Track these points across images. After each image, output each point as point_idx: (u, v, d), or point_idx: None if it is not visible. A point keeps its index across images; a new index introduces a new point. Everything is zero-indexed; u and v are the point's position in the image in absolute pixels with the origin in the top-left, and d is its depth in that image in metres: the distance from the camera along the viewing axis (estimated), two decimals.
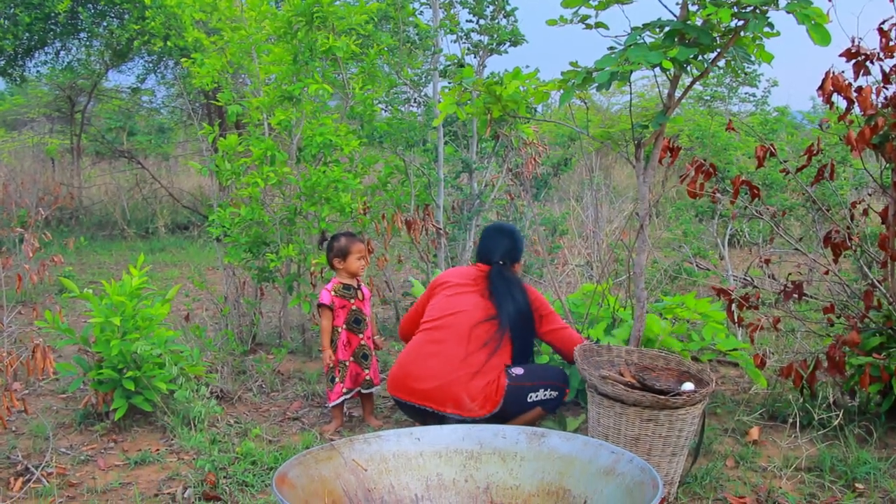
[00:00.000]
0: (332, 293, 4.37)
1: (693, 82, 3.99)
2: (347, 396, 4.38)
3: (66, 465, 3.91)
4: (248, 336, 5.90)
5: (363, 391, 4.43)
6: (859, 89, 3.93)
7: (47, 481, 3.71)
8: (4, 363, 3.71)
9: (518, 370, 4.09)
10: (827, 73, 3.95)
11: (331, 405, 4.37)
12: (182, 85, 11.15)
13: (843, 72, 3.98)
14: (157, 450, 4.12)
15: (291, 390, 5.02)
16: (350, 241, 4.46)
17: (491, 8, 6.38)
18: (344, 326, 4.38)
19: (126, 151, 13.89)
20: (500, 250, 4.25)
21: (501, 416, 4.01)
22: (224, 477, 3.65)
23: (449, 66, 6.39)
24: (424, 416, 4.05)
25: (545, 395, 4.07)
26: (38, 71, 12.92)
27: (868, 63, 3.96)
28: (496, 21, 6.39)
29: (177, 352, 4.46)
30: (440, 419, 3.96)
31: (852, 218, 4.50)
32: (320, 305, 4.38)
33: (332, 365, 4.35)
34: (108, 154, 14.67)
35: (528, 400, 4.04)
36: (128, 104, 15.03)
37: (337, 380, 4.34)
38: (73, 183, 13.67)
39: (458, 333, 4.06)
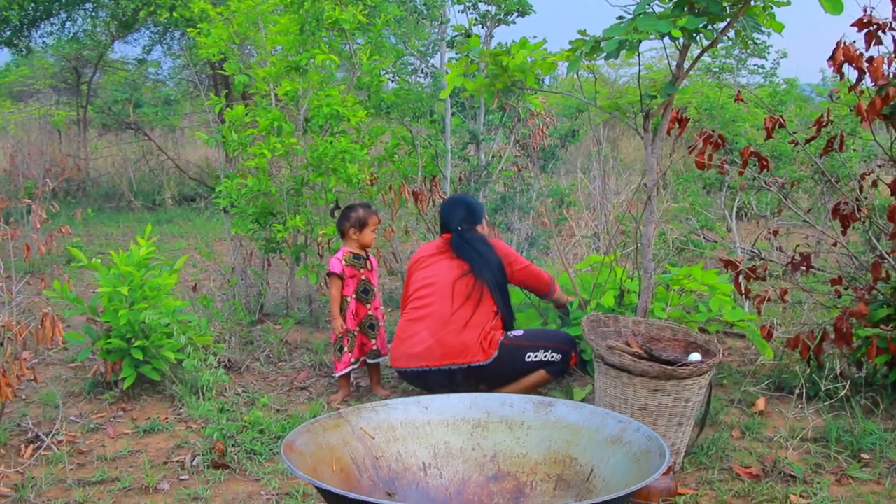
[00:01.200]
0: (343, 262, 4.38)
1: (702, 52, 3.96)
2: (354, 366, 4.40)
3: (75, 433, 3.94)
4: (256, 306, 5.91)
5: (369, 361, 4.45)
6: (871, 59, 3.89)
7: (57, 449, 3.74)
8: (14, 332, 3.72)
9: (517, 332, 4.16)
10: (838, 43, 3.91)
11: (338, 375, 4.39)
12: (188, 56, 11.10)
13: (854, 42, 3.94)
14: (166, 418, 4.15)
15: (299, 360, 5.04)
16: (367, 212, 4.48)
17: None
18: (353, 296, 4.39)
19: (132, 123, 13.85)
20: (456, 217, 4.34)
21: (500, 373, 4.04)
22: (232, 445, 3.68)
23: (456, 36, 6.34)
24: (427, 380, 4.10)
25: (546, 356, 4.08)
26: (43, 42, 12.87)
27: (880, 33, 3.92)
28: None
29: (185, 322, 4.47)
30: (443, 378, 4.01)
31: (861, 189, 4.47)
32: (331, 274, 4.39)
33: (341, 334, 4.36)
34: (114, 126, 14.63)
35: (527, 359, 4.07)
36: (134, 76, 14.97)
37: (346, 349, 4.36)
38: (80, 154, 13.65)
39: (441, 293, 4.15)
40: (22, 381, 4.52)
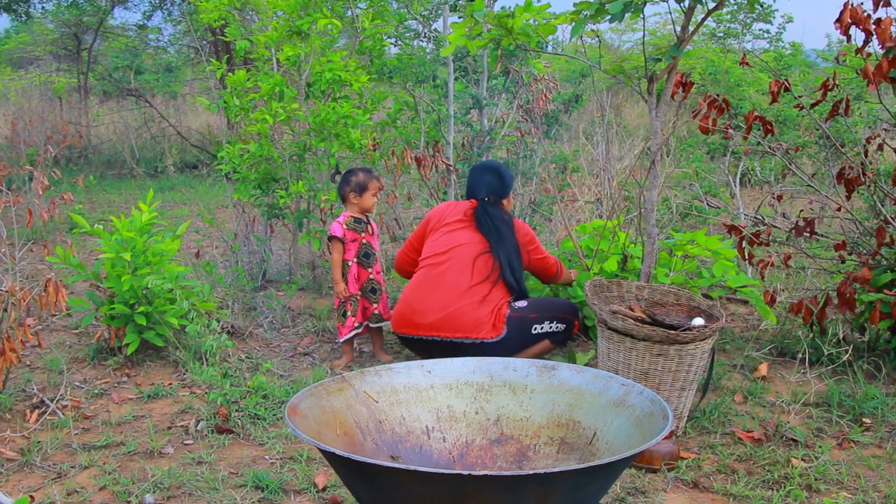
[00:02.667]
0: (344, 226, 4.38)
1: (708, 14, 3.92)
2: (358, 330, 4.40)
3: (80, 399, 3.96)
4: (259, 272, 5.92)
5: (372, 325, 4.45)
6: (878, 21, 3.85)
7: (62, 414, 3.75)
8: (17, 298, 3.72)
9: (521, 303, 4.13)
10: (846, 5, 3.87)
11: (341, 340, 4.40)
12: (189, 22, 11.01)
13: (862, 3, 3.89)
14: (170, 384, 4.17)
15: (302, 326, 5.05)
16: (368, 176, 4.46)
17: None
18: (354, 260, 4.39)
19: (134, 90, 13.78)
20: (484, 187, 4.28)
21: (507, 347, 4.04)
22: (236, 410, 3.69)
23: (459, 0, 6.29)
24: (432, 350, 4.08)
25: (551, 327, 4.08)
26: (43, 7, 12.78)
27: None
28: None
29: (188, 287, 4.47)
30: (449, 350, 4.00)
31: (866, 154, 4.44)
32: (331, 238, 4.39)
33: (344, 298, 4.36)
34: (115, 93, 14.57)
35: (533, 331, 4.07)
36: (134, 42, 14.89)
37: (349, 313, 4.37)
38: (81, 122, 13.60)
39: (461, 265, 4.10)
40: (26, 347, 4.54)
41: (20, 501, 2.47)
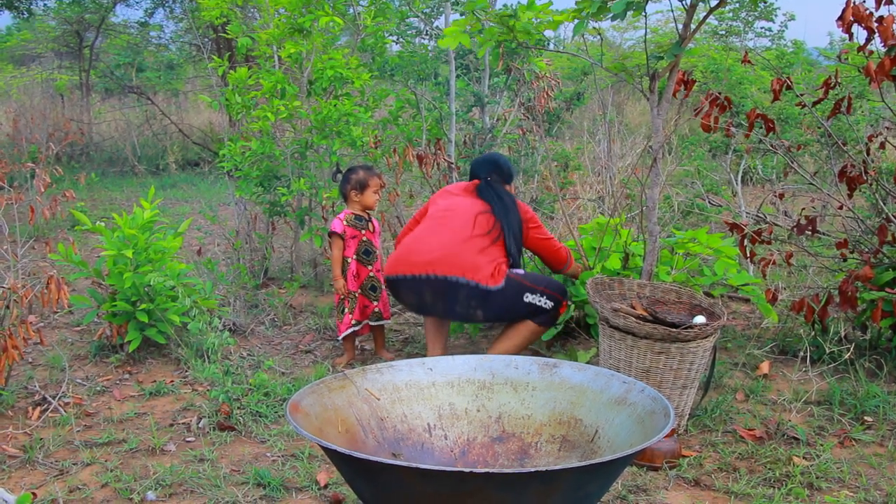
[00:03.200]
0: (344, 223, 4.38)
1: (710, 12, 3.91)
2: (356, 328, 4.40)
3: (82, 396, 3.96)
4: (260, 270, 5.92)
5: (372, 323, 4.45)
6: (880, 19, 3.84)
7: (64, 411, 3.76)
8: (20, 295, 3.73)
9: (519, 271, 4.14)
10: (848, 3, 3.86)
11: (341, 337, 4.40)
12: (190, 19, 11.01)
13: (864, 1, 3.88)
14: (172, 381, 4.17)
15: (303, 324, 5.05)
16: (368, 174, 4.46)
17: None
18: (354, 257, 4.39)
19: (135, 87, 13.78)
20: (485, 169, 4.32)
21: (499, 305, 4.00)
22: (238, 407, 3.70)
23: None
24: (423, 294, 4.03)
25: (541, 301, 4.06)
26: (45, 4, 12.77)
27: None
28: None
29: (189, 285, 4.48)
30: (441, 294, 3.96)
31: (868, 152, 4.44)
32: (332, 234, 4.39)
33: (343, 295, 4.36)
34: (117, 90, 14.56)
35: (525, 299, 4.04)
36: (136, 39, 14.88)
37: (346, 310, 4.37)
38: (83, 119, 13.60)
39: (464, 218, 4.11)
40: (28, 344, 4.54)
41: (22, 498, 2.47)
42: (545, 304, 4.08)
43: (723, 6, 3.81)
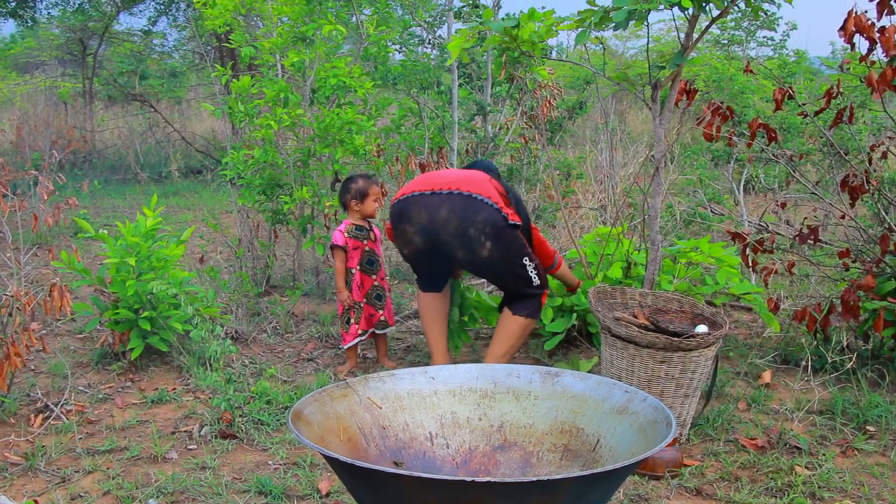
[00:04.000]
0: (346, 234, 4.38)
1: (712, 21, 3.92)
2: (362, 338, 4.40)
3: (84, 403, 3.97)
4: (263, 278, 5.92)
5: (378, 332, 4.45)
6: (882, 29, 3.85)
7: (66, 418, 3.76)
8: (22, 302, 3.73)
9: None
10: (850, 13, 3.87)
11: (345, 347, 4.40)
12: (194, 27, 11.05)
13: (866, 11, 3.90)
14: (174, 389, 4.17)
15: (305, 332, 5.06)
16: (368, 183, 4.46)
17: None
18: (357, 268, 4.39)
19: (138, 95, 13.81)
20: (480, 167, 4.29)
21: (499, 250, 3.93)
22: (240, 415, 3.70)
23: (463, 7, 6.31)
24: (438, 209, 3.94)
25: (532, 273, 4.02)
26: (48, 13, 12.82)
27: (892, 2, 3.87)
28: None
29: (192, 293, 4.48)
30: (463, 209, 3.89)
31: (870, 162, 4.44)
32: (333, 247, 4.39)
33: (348, 306, 4.36)
34: (120, 98, 14.58)
35: (522, 260, 3.99)
36: (139, 48, 14.92)
37: (352, 321, 4.37)
38: (86, 126, 13.63)
39: (477, 173, 4.09)
40: (31, 352, 4.54)
41: None
42: (534, 277, 4.01)
43: (725, 16, 3.82)
